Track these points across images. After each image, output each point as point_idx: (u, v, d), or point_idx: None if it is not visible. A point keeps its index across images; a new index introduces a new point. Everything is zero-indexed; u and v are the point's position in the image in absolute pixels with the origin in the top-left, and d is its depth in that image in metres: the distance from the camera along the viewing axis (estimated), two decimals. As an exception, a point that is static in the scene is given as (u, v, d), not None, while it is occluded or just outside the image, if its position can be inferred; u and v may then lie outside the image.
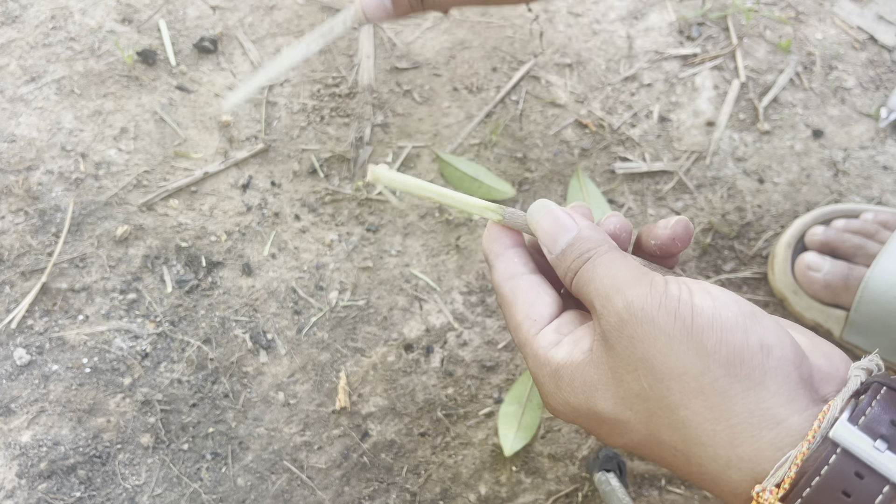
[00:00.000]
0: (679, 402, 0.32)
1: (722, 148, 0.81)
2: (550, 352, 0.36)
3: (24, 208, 0.74)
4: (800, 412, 0.30)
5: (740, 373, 0.31)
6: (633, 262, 0.36)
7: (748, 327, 0.31)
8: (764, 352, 0.31)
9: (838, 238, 0.71)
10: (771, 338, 0.31)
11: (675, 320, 0.32)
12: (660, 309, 0.32)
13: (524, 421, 0.68)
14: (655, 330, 0.32)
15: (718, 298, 0.32)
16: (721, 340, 0.31)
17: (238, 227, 0.75)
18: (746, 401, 0.31)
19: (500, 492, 0.68)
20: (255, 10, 0.84)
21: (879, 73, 0.85)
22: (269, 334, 0.71)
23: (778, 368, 0.31)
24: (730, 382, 0.31)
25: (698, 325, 0.31)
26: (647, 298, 0.33)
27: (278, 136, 0.79)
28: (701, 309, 0.32)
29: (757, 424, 0.30)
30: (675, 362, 0.31)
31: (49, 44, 0.81)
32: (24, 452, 0.66)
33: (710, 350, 0.31)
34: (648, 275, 0.34)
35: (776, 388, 0.30)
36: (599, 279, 0.35)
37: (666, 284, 0.33)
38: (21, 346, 0.70)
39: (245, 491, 0.67)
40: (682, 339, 0.31)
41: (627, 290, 0.33)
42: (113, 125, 0.78)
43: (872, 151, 0.82)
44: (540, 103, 0.82)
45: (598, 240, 0.37)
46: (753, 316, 0.32)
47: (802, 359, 0.32)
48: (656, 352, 0.32)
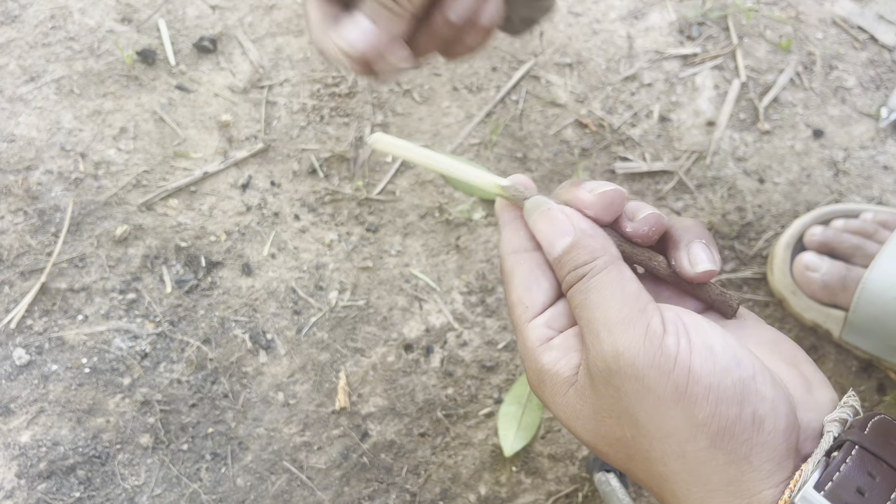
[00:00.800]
0: (659, 458, 0.31)
1: (722, 148, 0.81)
2: (539, 348, 0.35)
3: (23, 208, 0.74)
4: (776, 485, 0.30)
5: (727, 446, 0.30)
6: (630, 288, 0.33)
7: (744, 398, 0.30)
8: (756, 426, 0.30)
9: (837, 238, 0.71)
10: (765, 409, 0.30)
11: (668, 383, 0.30)
12: (652, 367, 0.30)
13: (524, 421, 0.68)
14: (644, 389, 0.30)
15: (719, 361, 0.30)
16: (714, 414, 0.30)
17: (238, 227, 0.75)
18: (727, 472, 0.30)
19: (500, 492, 0.68)
20: (255, 9, 0.84)
21: (880, 73, 0.85)
22: (268, 334, 0.71)
23: (766, 443, 0.30)
24: (714, 453, 0.30)
25: (692, 392, 0.30)
26: (640, 352, 0.31)
27: (278, 135, 0.79)
28: (699, 376, 0.30)
29: (732, 493, 0.31)
30: (661, 424, 0.31)
31: (48, 43, 0.81)
32: (23, 452, 0.66)
33: (700, 421, 0.30)
34: (645, 313, 0.32)
35: (759, 463, 0.30)
36: (591, 308, 0.33)
37: (664, 335, 0.31)
38: (20, 346, 0.69)
39: (245, 491, 0.66)
40: (672, 404, 0.30)
41: (619, 333, 0.31)
42: (112, 125, 0.78)
43: (873, 151, 0.81)
44: (540, 103, 0.82)
45: (595, 250, 0.34)
46: (753, 381, 0.31)
47: (793, 427, 0.31)
48: (642, 410, 0.31)
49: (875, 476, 0.30)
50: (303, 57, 0.83)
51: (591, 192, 0.36)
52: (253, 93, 0.80)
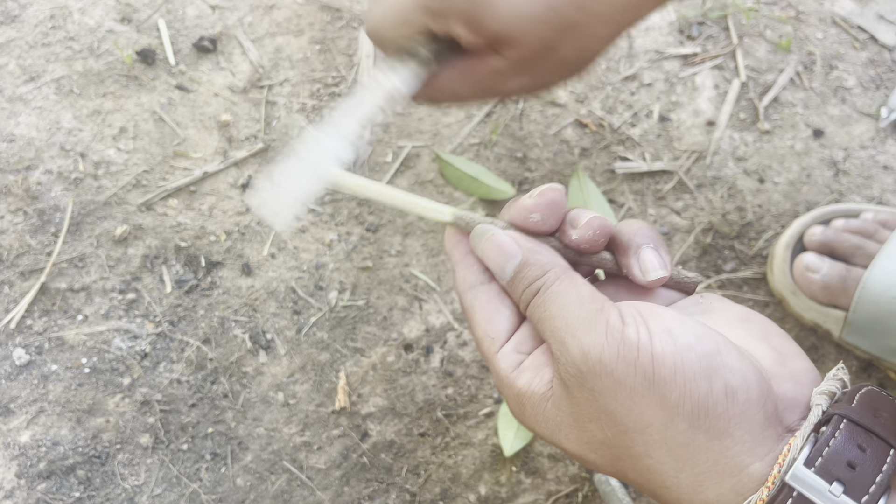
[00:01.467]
0: (643, 451, 0.32)
1: (722, 147, 0.81)
2: (512, 374, 0.35)
3: (23, 208, 0.74)
4: (762, 457, 0.30)
5: (704, 424, 0.30)
6: (584, 291, 0.34)
7: (712, 372, 0.30)
8: (729, 398, 0.30)
9: (837, 238, 0.71)
10: (736, 380, 0.31)
11: (636, 372, 0.31)
12: (618, 360, 0.31)
13: (524, 421, 0.68)
14: (615, 383, 0.31)
15: (680, 340, 0.31)
16: (684, 392, 0.30)
17: (237, 227, 0.75)
18: (710, 450, 0.31)
19: (499, 492, 0.68)
20: (255, 9, 0.84)
21: (880, 73, 0.85)
22: (268, 334, 0.71)
23: (742, 414, 0.30)
24: (694, 434, 0.31)
25: (660, 376, 0.30)
26: (604, 348, 0.31)
27: (278, 135, 0.79)
28: (662, 358, 0.30)
29: (720, 472, 0.31)
30: (638, 416, 0.31)
31: (48, 43, 0.81)
32: (23, 452, 0.66)
33: (673, 403, 0.30)
34: (603, 312, 0.32)
35: (740, 434, 0.30)
36: (551, 318, 0.33)
37: (623, 327, 0.31)
38: (20, 346, 0.69)
39: (244, 491, 0.66)
40: (644, 393, 0.31)
41: (582, 335, 0.32)
42: (112, 125, 0.78)
43: (873, 151, 0.81)
44: (540, 103, 0.82)
45: (544, 265, 0.35)
46: (718, 355, 0.31)
47: (767, 395, 0.31)
48: (618, 405, 0.31)
49: (865, 449, 0.30)
50: (302, 57, 0.83)
51: (532, 196, 0.37)
52: (253, 92, 0.80)
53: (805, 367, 0.34)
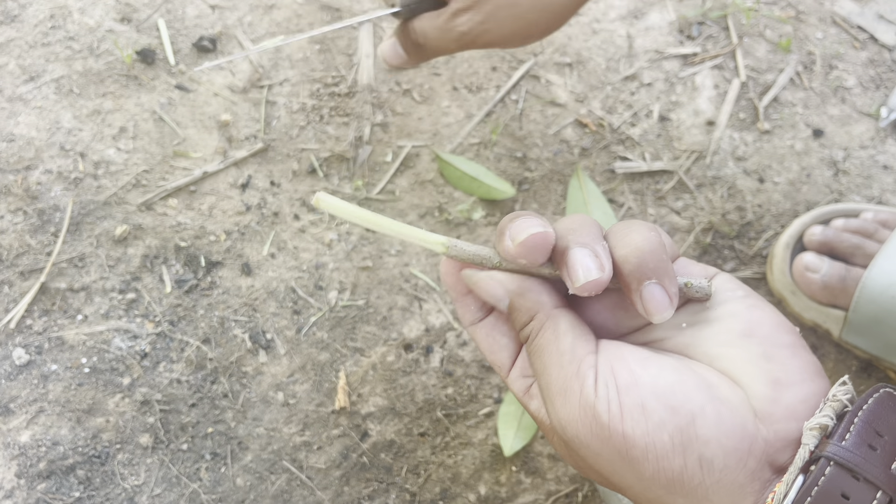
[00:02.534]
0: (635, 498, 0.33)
1: (722, 147, 0.81)
2: (524, 398, 0.37)
3: (22, 208, 0.74)
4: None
5: (681, 492, 0.31)
6: (565, 346, 0.33)
7: (685, 448, 0.30)
8: (704, 469, 0.30)
9: (837, 238, 0.71)
10: (710, 451, 0.30)
11: (610, 449, 0.31)
12: (592, 437, 0.32)
13: (524, 421, 0.68)
14: (594, 454, 0.32)
15: (652, 418, 0.31)
16: (658, 470, 0.31)
17: (237, 227, 0.75)
18: None
19: (499, 492, 0.68)
20: (255, 9, 0.84)
21: (880, 73, 0.85)
22: (268, 334, 0.71)
23: (720, 481, 0.30)
24: (673, 499, 0.31)
25: (632, 456, 0.31)
26: (579, 424, 0.32)
27: (277, 135, 0.79)
28: (633, 440, 0.31)
29: None
30: (619, 479, 0.32)
31: (48, 43, 0.81)
32: (22, 452, 0.66)
33: (647, 477, 0.31)
34: (578, 376, 0.32)
35: (719, 498, 0.31)
36: (539, 375, 0.35)
37: (595, 401, 0.31)
38: (20, 345, 0.69)
39: (244, 491, 0.66)
40: (620, 465, 0.31)
41: (559, 406, 0.33)
42: (112, 124, 0.78)
43: (873, 151, 0.81)
44: (540, 102, 0.82)
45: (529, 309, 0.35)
46: (692, 426, 0.30)
47: (750, 452, 0.31)
48: (601, 468, 0.33)
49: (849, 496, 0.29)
50: (302, 56, 0.82)
51: (514, 242, 0.35)
52: (252, 92, 0.80)
53: (806, 394, 0.32)
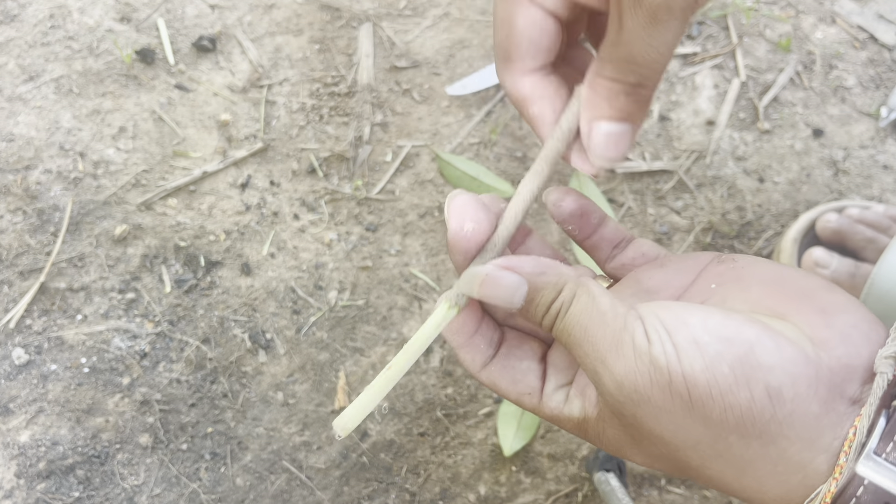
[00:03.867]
0: (701, 465, 0.31)
1: (722, 147, 0.81)
2: (564, 411, 0.34)
3: (22, 207, 0.74)
4: (826, 448, 0.29)
5: (754, 431, 0.29)
6: (604, 305, 0.31)
7: (749, 378, 0.28)
8: (774, 400, 0.28)
9: (851, 228, 0.70)
10: (777, 378, 0.28)
11: (673, 397, 0.29)
12: (653, 387, 0.29)
13: (524, 421, 0.68)
14: (656, 409, 0.30)
15: (708, 351, 0.29)
16: (725, 407, 0.29)
17: (237, 227, 0.75)
18: (767, 456, 0.29)
19: (499, 492, 0.68)
20: (254, 8, 0.84)
21: (879, 72, 0.85)
22: (268, 334, 0.71)
23: (793, 413, 0.28)
24: (746, 444, 0.29)
25: (696, 397, 0.29)
26: (637, 376, 0.29)
27: (277, 135, 0.79)
28: (694, 378, 0.28)
29: (783, 472, 0.29)
30: (685, 436, 0.30)
31: (47, 43, 0.81)
32: (22, 452, 0.66)
33: (716, 420, 0.29)
34: (626, 329, 0.30)
35: (795, 433, 0.29)
36: (578, 344, 0.31)
37: (649, 347, 0.29)
38: (19, 345, 0.69)
39: (244, 491, 0.66)
40: (685, 415, 0.29)
41: (612, 363, 0.30)
42: (111, 124, 0.78)
43: (873, 150, 0.81)
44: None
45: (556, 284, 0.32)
46: (752, 355, 0.28)
47: (818, 378, 0.29)
48: (663, 429, 0.30)
49: None
50: (302, 56, 0.82)
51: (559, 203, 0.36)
52: (252, 92, 0.80)
53: (855, 320, 0.31)
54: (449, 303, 0.34)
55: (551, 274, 0.32)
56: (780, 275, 0.33)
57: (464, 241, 0.34)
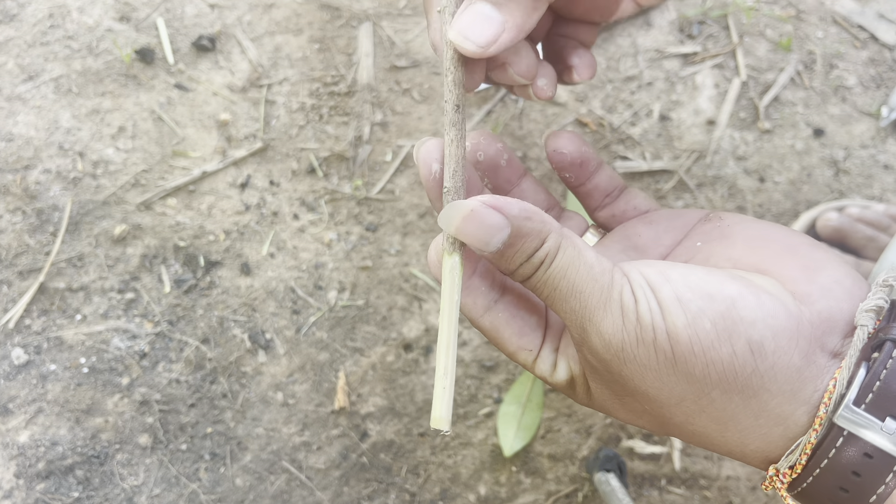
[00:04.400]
0: (684, 421, 0.31)
1: (722, 147, 0.81)
2: (554, 376, 0.34)
3: (21, 207, 0.74)
4: (807, 400, 0.29)
5: (736, 386, 0.29)
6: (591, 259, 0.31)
7: (731, 333, 0.28)
8: (755, 354, 0.28)
9: (851, 227, 0.70)
10: (758, 333, 0.28)
11: (657, 354, 0.29)
12: (639, 346, 0.29)
13: (524, 421, 0.68)
14: (641, 367, 0.30)
15: (690, 307, 0.29)
16: (708, 363, 0.29)
17: (236, 227, 0.75)
18: (749, 409, 0.29)
19: (499, 492, 0.67)
20: (254, 8, 0.84)
21: (880, 72, 0.85)
22: (267, 334, 0.71)
23: (775, 366, 0.29)
24: (728, 398, 0.29)
25: (680, 353, 0.29)
26: (624, 334, 0.29)
27: (277, 134, 0.79)
28: (677, 335, 0.29)
29: (765, 425, 0.30)
30: (669, 392, 0.30)
31: (47, 42, 0.81)
32: (21, 452, 0.66)
33: (699, 376, 0.29)
34: (615, 286, 0.30)
35: (777, 386, 0.29)
36: (564, 299, 0.31)
37: (636, 305, 0.29)
38: (19, 345, 0.69)
39: (244, 491, 0.66)
40: (669, 372, 0.29)
41: (599, 321, 0.30)
42: (111, 124, 0.78)
43: (873, 150, 0.81)
44: (540, 102, 0.82)
45: (540, 232, 0.30)
46: (733, 310, 0.29)
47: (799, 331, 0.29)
48: (648, 386, 0.30)
49: None
50: (302, 56, 0.82)
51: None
52: (252, 92, 0.80)
53: (838, 276, 0.31)
54: (446, 252, 0.33)
55: (537, 221, 0.30)
56: (766, 232, 0.33)
57: (434, 181, 0.33)
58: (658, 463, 0.69)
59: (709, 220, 0.36)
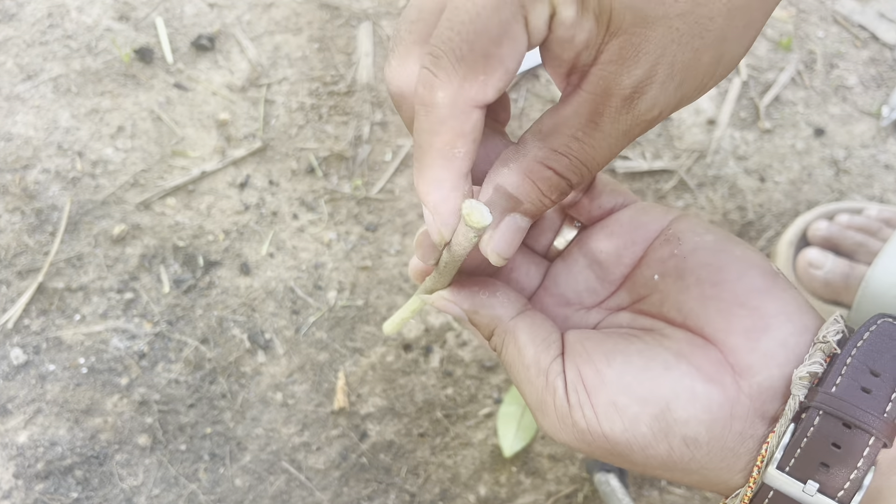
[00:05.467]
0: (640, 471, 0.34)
1: (723, 146, 0.81)
2: None
3: (20, 207, 0.74)
4: (742, 469, 0.31)
5: (677, 469, 0.32)
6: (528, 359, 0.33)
7: (666, 432, 0.31)
8: (691, 447, 0.31)
9: (841, 234, 0.70)
10: (692, 429, 0.31)
11: (598, 450, 0.32)
12: (579, 443, 0.32)
13: (524, 421, 0.68)
14: (587, 452, 0.33)
15: (626, 414, 0.31)
16: (646, 458, 0.32)
17: (236, 227, 0.75)
18: (691, 477, 0.32)
19: (499, 492, 0.67)
20: (253, 7, 0.84)
21: (881, 72, 0.85)
22: (267, 334, 0.71)
23: (710, 453, 0.31)
24: (671, 473, 0.32)
25: (619, 452, 0.32)
26: (563, 434, 0.32)
27: (276, 134, 0.79)
28: (614, 438, 0.31)
29: (707, 485, 0.33)
30: (620, 463, 0.33)
31: (46, 42, 0.81)
32: (20, 453, 0.66)
33: (640, 463, 0.32)
34: (547, 389, 0.32)
35: (714, 465, 0.31)
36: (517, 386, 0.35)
37: (570, 410, 0.32)
38: (18, 345, 0.69)
39: (243, 492, 0.66)
40: (613, 458, 0.33)
41: (541, 420, 0.33)
42: (110, 123, 0.78)
43: (874, 150, 0.81)
44: (540, 101, 0.82)
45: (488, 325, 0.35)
46: (668, 412, 0.31)
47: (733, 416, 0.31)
48: (600, 458, 0.34)
49: (840, 445, 0.29)
50: (301, 55, 0.82)
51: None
52: (251, 91, 0.80)
53: (783, 335, 0.32)
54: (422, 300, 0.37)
55: (483, 315, 0.35)
56: (720, 278, 0.33)
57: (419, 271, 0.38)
58: (658, 463, 0.69)
59: (667, 240, 0.35)
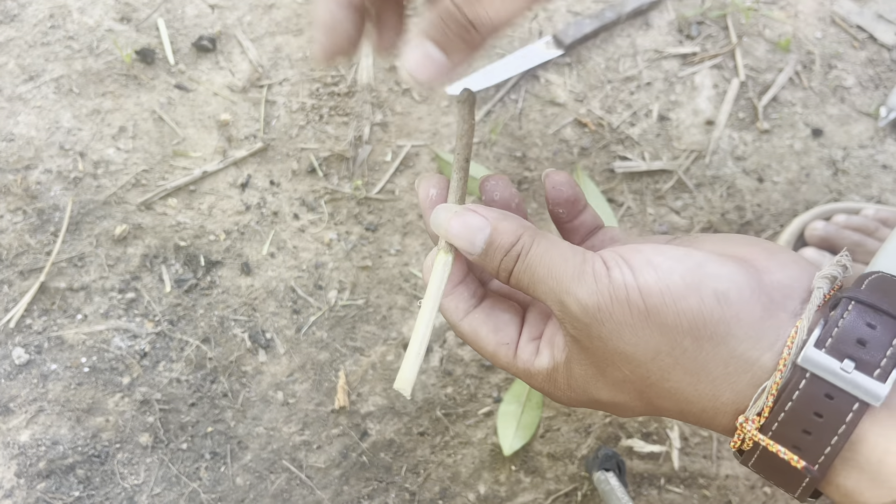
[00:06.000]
0: (661, 377, 0.33)
1: (721, 147, 0.81)
2: (535, 364, 0.37)
3: (22, 207, 0.74)
4: (770, 347, 0.32)
5: (705, 333, 0.32)
6: (564, 247, 0.35)
7: (699, 284, 0.32)
8: (721, 302, 0.32)
9: (838, 234, 0.71)
10: (723, 284, 0.32)
11: (631, 309, 0.32)
12: (613, 303, 0.32)
13: (523, 420, 0.68)
14: (617, 325, 0.33)
15: (661, 267, 0.32)
16: (678, 311, 0.32)
17: (237, 227, 0.75)
18: (718, 355, 0.32)
19: (499, 491, 0.68)
20: (254, 8, 0.84)
21: (879, 72, 0.85)
22: (267, 333, 0.71)
23: (739, 313, 0.32)
24: (699, 346, 0.32)
25: (652, 305, 0.32)
26: (598, 296, 0.33)
27: (277, 134, 0.79)
28: (648, 289, 0.32)
29: (734, 372, 0.32)
30: (645, 347, 0.33)
31: (47, 42, 0.81)
32: (22, 452, 0.66)
33: (671, 325, 0.32)
34: (587, 262, 0.34)
35: (743, 332, 0.32)
36: (542, 281, 0.34)
37: (608, 272, 0.33)
38: (20, 345, 0.69)
39: (244, 490, 0.66)
40: (643, 325, 0.32)
41: (576, 290, 0.33)
42: (111, 124, 0.78)
43: (872, 150, 0.82)
44: (539, 102, 0.82)
45: (516, 230, 0.35)
46: (700, 268, 0.32)
47: (760, 288, 0.32)
48: (625, 343, 0.33)
49: (875, 326, 0.30)
50: (302, 56, 0.82)
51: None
52: (252, 92, 0.80)
53: (794, 257, 0.34)
54: (442, 250, 0.38)
55: (513, 221, 0.36)
56: (727, 237, 0.37)
57: (430, 203, 0.39)
58: (657, 462, 0.69)
59: (676, 238, 0.39)
